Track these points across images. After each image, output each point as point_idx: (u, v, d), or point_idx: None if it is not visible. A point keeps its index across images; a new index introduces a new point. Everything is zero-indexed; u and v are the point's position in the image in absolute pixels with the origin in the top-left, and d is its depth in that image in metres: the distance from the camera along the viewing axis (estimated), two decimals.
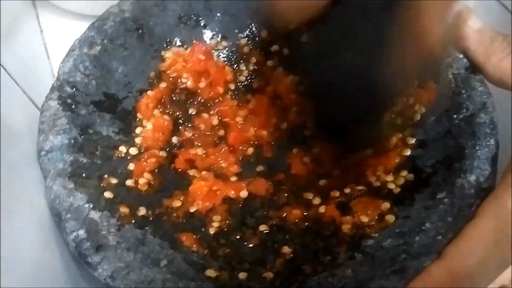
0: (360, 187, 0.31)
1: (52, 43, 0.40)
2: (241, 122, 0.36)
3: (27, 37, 0.39)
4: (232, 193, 0.32)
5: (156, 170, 0.33)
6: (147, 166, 0.32)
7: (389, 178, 0.31)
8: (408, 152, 0.32)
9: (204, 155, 0.34)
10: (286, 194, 0.33)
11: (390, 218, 0.29)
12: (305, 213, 0.31)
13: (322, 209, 0.31)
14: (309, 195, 0.32)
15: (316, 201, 0.31)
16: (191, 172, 0.33)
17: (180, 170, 0.33)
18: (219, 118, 0.36)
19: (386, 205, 0.30)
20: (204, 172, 0.33)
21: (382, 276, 0.25)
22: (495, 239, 0.24)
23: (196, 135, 0.35)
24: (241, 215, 0.32)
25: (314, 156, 0.34)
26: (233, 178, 0.33)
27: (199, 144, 0.35)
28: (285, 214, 0.31)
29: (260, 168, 0.34)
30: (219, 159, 0.34)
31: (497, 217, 0.25)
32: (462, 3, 0.31)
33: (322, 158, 0.34)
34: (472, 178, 0.27)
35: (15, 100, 0.32)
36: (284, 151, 0.35)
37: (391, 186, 0.31)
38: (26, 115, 0.32)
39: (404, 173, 0.31)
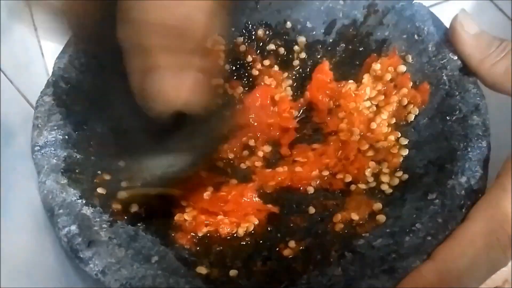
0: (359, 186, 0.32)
1: (46, 41, 0.40)
2: None
3: (22, 35, 0.39)
4: None
5: None
6: None
7: (385, 178, 0.31)
8: (406, 153, 0.32)
9: None
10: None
11: (381, 218, 0.29)
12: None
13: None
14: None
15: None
16: None
17: None
18: None
19: (378, 205, 0.30)
20: None
21: (372, 275, 0.26)
22: (486, 242, 0.24)
23: None
24: None
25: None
26: None
27: None
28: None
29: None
30: None
31: (489, 220, 0.25)
32: (460, 7, 0.31)
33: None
34: (463, 179, 0.27)
35: (10, 98, 0.32)
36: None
37: (385, 187, 0.31)
38: (20, 113, 0.32)
39: (399, 173, 0.31)
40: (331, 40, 0.37)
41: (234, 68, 0.38)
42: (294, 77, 0.38)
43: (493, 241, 0.24)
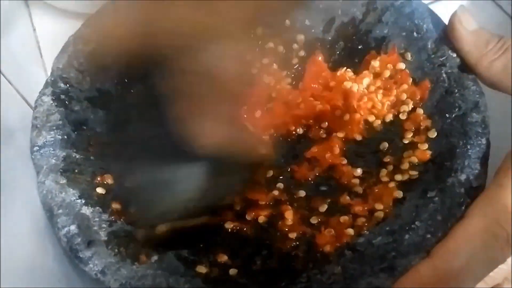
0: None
1: (45, 41, 0.40)
2: None
3: (20, 36, 0.39)
4: None
5: None
6: None
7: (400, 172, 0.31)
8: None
9: None
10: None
11: (379, 214, 0.29)
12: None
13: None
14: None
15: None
16: None
17: None
18: None
19: (399, 193, 0.29)
20: None
21: (371, 273, 0.26)
22: (484, 239, 0.24)
23: None
24: None
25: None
26: None
27: None
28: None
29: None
30: None
31: (487, 217, 0.25)
32: (459, 4, 0.31)
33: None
34: (463, 177, 0.27)
35: (8, 98, 0.32)
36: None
37: (391, 184, 0.31)
38: (19, 113, 0.32)
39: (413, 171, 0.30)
40: (330, 38, 0.37)
41: None
42: (293, 75, 0.38)
43: (491, 239, 0.24)
